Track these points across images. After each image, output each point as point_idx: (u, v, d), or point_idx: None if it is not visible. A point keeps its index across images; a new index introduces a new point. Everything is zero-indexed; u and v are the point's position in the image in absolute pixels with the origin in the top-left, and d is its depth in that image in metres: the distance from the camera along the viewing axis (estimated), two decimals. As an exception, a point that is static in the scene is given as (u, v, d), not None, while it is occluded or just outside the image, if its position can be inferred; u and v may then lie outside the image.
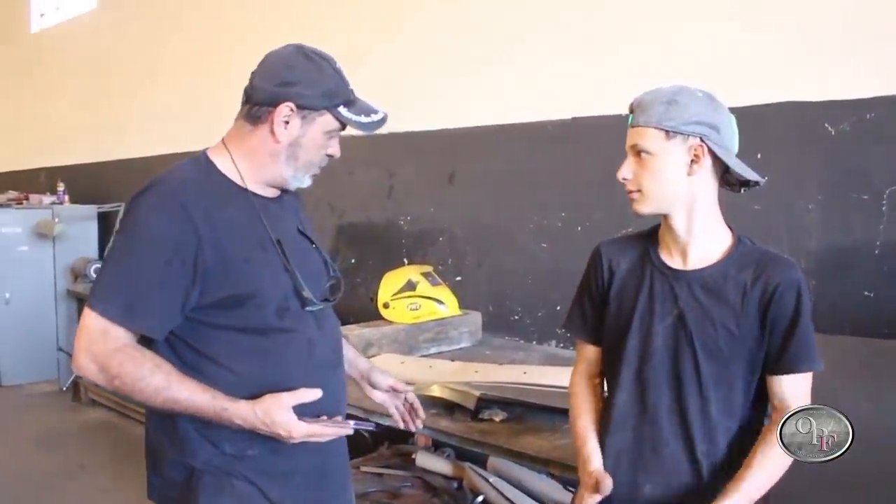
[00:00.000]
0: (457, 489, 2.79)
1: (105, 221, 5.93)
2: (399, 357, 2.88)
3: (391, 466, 2.91)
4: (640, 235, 1.52)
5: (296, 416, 1.35)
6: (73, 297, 5.56)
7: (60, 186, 6.21)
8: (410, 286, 3.12)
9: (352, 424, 1.43)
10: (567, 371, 1.65)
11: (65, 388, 5.49)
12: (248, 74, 1.48)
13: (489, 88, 3.47)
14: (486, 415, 2.24)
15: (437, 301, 3.14)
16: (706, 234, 1.42)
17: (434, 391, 2.35)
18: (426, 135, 3.74)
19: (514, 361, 2.85)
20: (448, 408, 2.32)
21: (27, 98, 7.90)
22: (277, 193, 1.53)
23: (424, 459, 2.88)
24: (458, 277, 3.57)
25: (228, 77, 1.47)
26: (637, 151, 1.39)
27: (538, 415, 2.23)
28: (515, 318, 3.36)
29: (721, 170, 1.41)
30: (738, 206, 2.39)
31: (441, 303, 3.14)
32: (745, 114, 2.42)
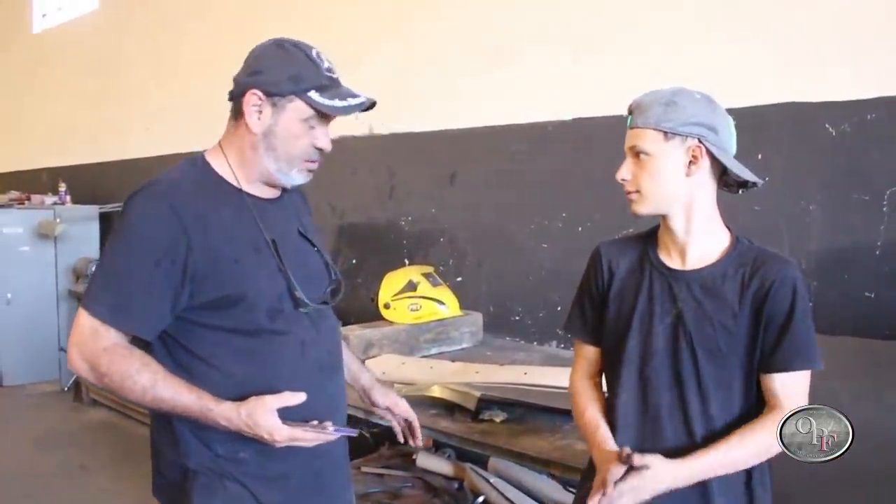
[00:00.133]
0: (457, 490, 2.79)
1: (107, 222, 5.93)
2: (400, 357, 2.88)
3: (392, 467, 2.91)
4: (640, 236, 1.53)
5: (279, 420, 1.32)
6: (75, 298, 5.55)
7: (62, 187, 6.22)
8: (411, 287, 3.13)
9: (331, 430, 1.37)
10: (568, 372, 1.65)
11: (66, 389, 5.49)
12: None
13: (490, 89, 3.47)
14: (487, 415, 2.24)
15: (438, 301, 3.14)
16: (705, 235, 1.42)
17: (434, 392, 2.36)
18: (427, 135, 3.74)
19: (515, 362, 2.85)
20: (448, 408, 2.33)
21: (29, 98, 7.91)
22: (276, 194, 1.51)
23: (425, 460, 2.88)
24: (459, 278, 3.58)
25: (230, 77, 1.47)
26: (636, 152, 1.39)
27: (539, 415, 2.23)
28: (516, 319, 3.36)
29: (719, 171, 1.41)
30: (739, 207, 2.39)
31: (442, 303, 3.15)
32: (746, 115, 2.43)
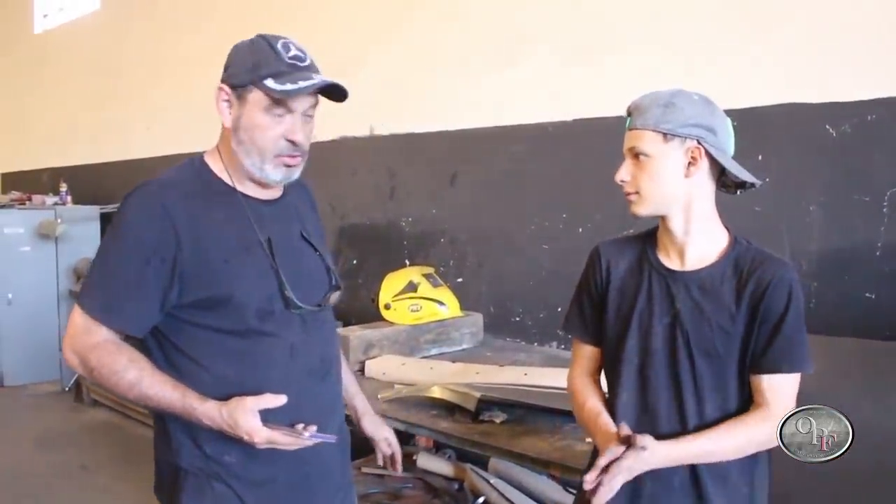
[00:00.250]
0: (458, 490, 2.79)
1: (107, 222, 5.90)
2: (400, 358, 2.88)
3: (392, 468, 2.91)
4: (639, 236, 1.53)
5: (259, 421, 1.32)
6: (75, 298, 5.54)
7: (63, 187, 6.22)
8: (412, 287, 3.13)
9: (307, 435, 1.35)
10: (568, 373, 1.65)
11: (67, 389, 5.49)
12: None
13: (491, 90, 3.47)
14: (487, 416, 2.24)
15: (439, 302, 3.14)
16: (703, 236, 1.42)
17: (435, 392, 2.36)
18: (428, 136, 3.74)
19: (516, 363, 2.85)
20: (449, 409, 2.33)
21: (30, 98, 7.92)
22: (275, 195, 1.51)
23: (425, 461, 2.89)
24: (460, 279, 3.58)
25: (230, 78, 1.46)
26: (635, 154, 1.39)
27: (539, 416, 2.23)
28: (516, 320, 3.36)
29: (717, 172, 1.41)
30: (740, 208, 2.39)
31: (442, 304, 3.15)
32: (747, 115, 2.43)
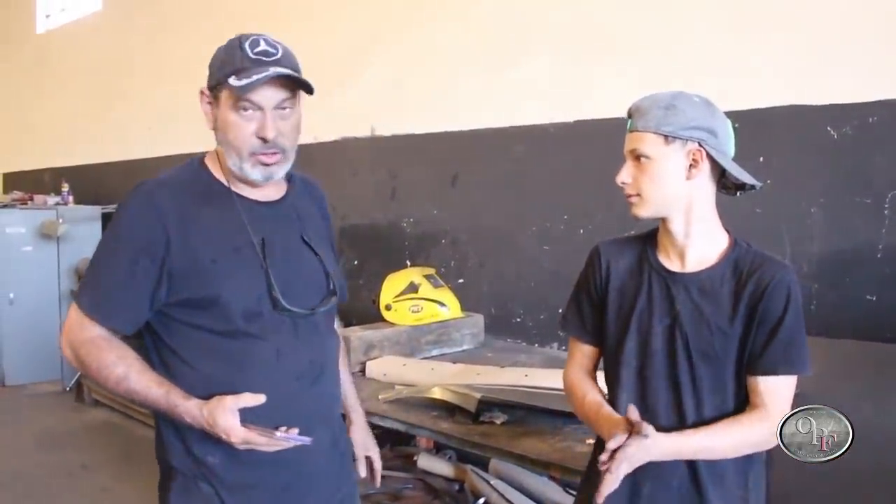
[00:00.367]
0: (458, 491, 2.79)
1: (109, 222, 5.94)
2: (401, 359, 2.88)
3: (393, 468, 2.91)
4: (639, 237, 1.53)
5: (238, 421, 1.31)
6: (75, 296, 5.56)
7: (65, 187, 6.23)
8: (413, 288, 3.13)
9: (278, 436, 1.33)
10: (568, 374, 1.65)
11: (68, 389, 5.49)
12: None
13: (492, 91, 3.48)
14: (487, 417, 2.25)
15: (439, 303, 3.14)
16: (704, 237, 1.42)
17: (435, 393, 2.36)
18: (429, 137, 3.74)
19: (516, 364, 2.85)
20: (449, 410, 2.33)
21: (32, 99, 7.93)
22: (275, 196, 1.50)
23: (426, 461, 2.89)
24: (461, 280, 3.58)
25: (232, 79, 1.46)
26: (636, 156, 1.39)
27: (539, 417, 2.23)
28: (517, 321, 3.36)
29: (718, 173, 1.41)
30: (741, 209, 2.39)
31: (443, 305, 3.14)
32: (748, 117, 2.43)
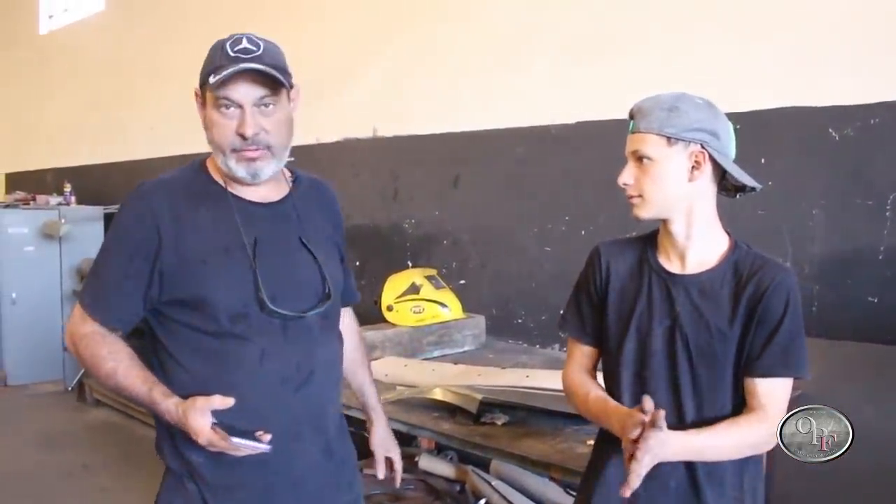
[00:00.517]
0: (459, 492, 2.79)
1: (111, 222, 5.94)
2: (402, 360, 2.88)
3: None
4: (639, 238, 1.53)
5: (206, 421, 1.32)
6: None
7: (67, 187, 6.24)
8: (414, 289, 3.13)
9: (233, 441, 1.32)
10: (569, 375, 1.65)
11: (70, 389, 5.50)
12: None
13: (493, 92, 3.48)
14: (488, 418, 2.25)
15: (441, 304, 3.14)
16: (704, 239, 1.42)
17: (436, 394, 2.36)
18: (431, 138, 3.74)
19: (518, 365, 2.84)
20: (450, 411, 2.33)
21: (35, 99, 7.94)
22: (275, 197, 1.50)
23: (427, 462, 2.89)
24: (462, 281, 3.58)
25: (234, 79, 1.46)
26: (638, 157, 1.39)
27: (540, 418, 2.23)
28: (519, 322, 3.36)
29: (719, 175, 1.41)
30: (743, 211, 2.39)
31: (444, 306, 3.14)
32: (750, 119, 2.43)
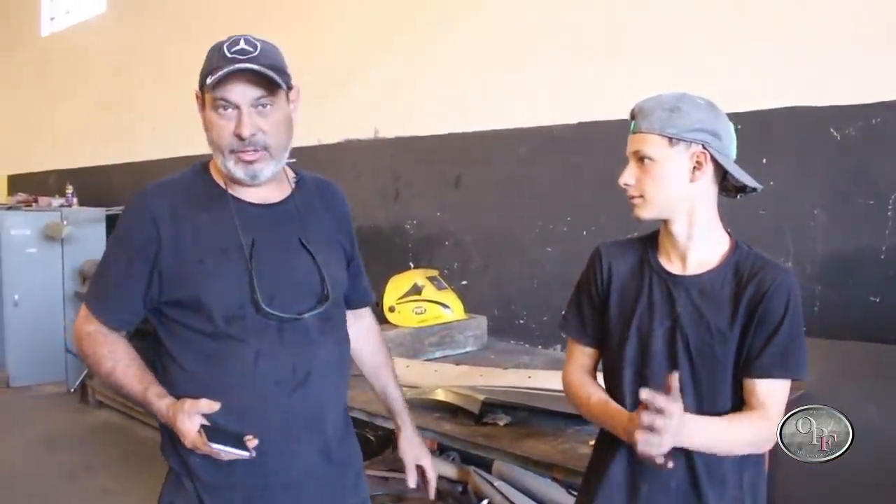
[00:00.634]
0: (462, 493, 2.79)
1: (113, 224, 5.93)
2: (404, 361, 2.88)
3: (396, 470, 2.91)
4: (640, 239, 1.53)
5: (193, 423, 1.33)
6: (81, 299, 5.55)
7: (69, 189, 6.25)
8: (416, 290, 3.13)
9: (213, 447, 1.32)
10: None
11: (72, 390, 5.51)
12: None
13: (495, 93, 3.48)
14: (490, 419, 2.25)
15: (443, 305, 3.14)
16: (705, 240, 1.42)
17: (438, 395, 2.36)
18: (432, 139, 3.75)
19: (520, 365, 2.85)
20: (452, 411, 2.33)
21: (37, 101, 7.96)
22: (276, 199, 1.50)
23: (429, 463, 2.88)
24: (464, 281, 3.58)
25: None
26: (639, 157, 1.39)
27: (542, 419, 2.23)
28: (521, 323, 3.36)
29: (720, 176, 1.41)
30: (744, 211, 2.39)
31: (446, 307, 3.15)
32: (751, 119, 2.43)
